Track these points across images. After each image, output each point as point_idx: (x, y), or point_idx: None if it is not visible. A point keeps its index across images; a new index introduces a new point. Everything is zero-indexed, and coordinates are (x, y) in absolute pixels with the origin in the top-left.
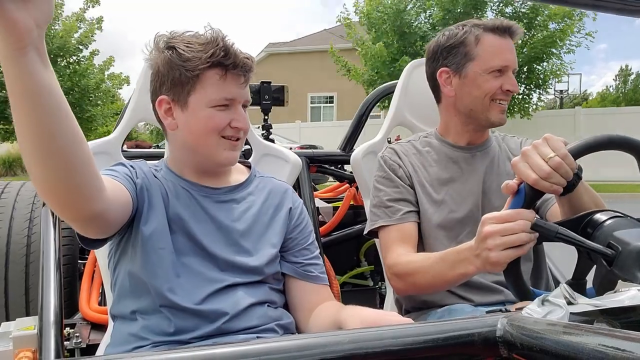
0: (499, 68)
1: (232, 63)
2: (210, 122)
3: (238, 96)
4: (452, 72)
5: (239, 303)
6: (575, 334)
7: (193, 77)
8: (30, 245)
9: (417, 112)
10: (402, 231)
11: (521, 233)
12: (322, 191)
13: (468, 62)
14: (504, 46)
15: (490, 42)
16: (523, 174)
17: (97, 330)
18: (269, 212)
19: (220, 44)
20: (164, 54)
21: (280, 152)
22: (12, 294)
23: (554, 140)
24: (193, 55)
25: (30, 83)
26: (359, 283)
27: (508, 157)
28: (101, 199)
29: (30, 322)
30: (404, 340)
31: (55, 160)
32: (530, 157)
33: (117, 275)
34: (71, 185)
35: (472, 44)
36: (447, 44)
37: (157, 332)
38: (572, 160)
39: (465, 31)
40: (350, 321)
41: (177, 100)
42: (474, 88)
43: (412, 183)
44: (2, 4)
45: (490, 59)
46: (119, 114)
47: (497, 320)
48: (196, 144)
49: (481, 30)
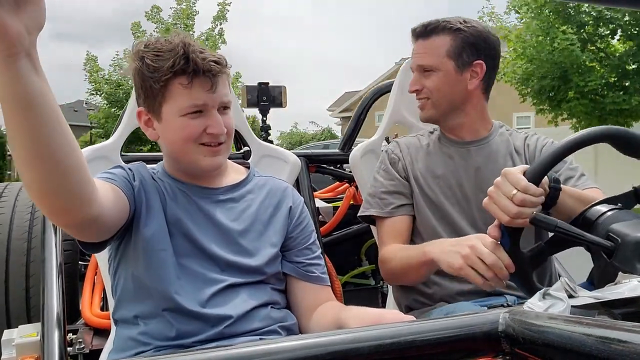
0: None
1: (193, 70)
2: (183, 131)
3: (209, 101)
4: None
5: (242, 305)
6: (577, 326)
7: (161, 88)
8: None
9: (414, 110)
10: (394, 225)
11: (490, 272)
12: (322, 191)
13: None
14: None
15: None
16: (497, 216)
17: (100, 336)
18: (268, 211)
19: (180, 51)
20: (135, 64)
21: (279, 153)
22: (13, 297)
23: (512, 174)
24: (160, 65)
25: (21, 89)
26: (360, 282)
27: (510, 153)
28: (94, 204)
29: (32, 329)
30: (405, 338)
31: (46, 166)
32: (496, 198)
33: (118, 279)
34: (63, 190)
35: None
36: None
37: (159, 337)
38: (535, 189)
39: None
40: (351, 321)
41: (152, 112)
42: None
43: (407, 176)
44: None
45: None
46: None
47: (498, 315)
48: (177, 153)
49: None
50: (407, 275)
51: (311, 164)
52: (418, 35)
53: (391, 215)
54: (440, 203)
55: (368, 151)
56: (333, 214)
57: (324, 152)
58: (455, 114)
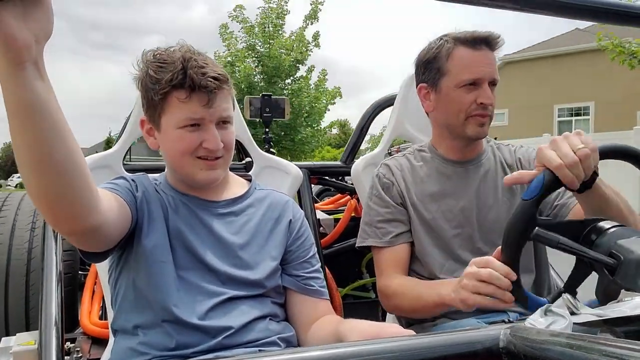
0: (470, 82)
1: (190, 85)
2: (180, 144)
3: (207, 115)
4: (429, 87)
5: (241, 317)
6: (579, 344)
7: (160, 100)
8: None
9: (417, 123)
10: (394, 254)
11: (492, 286)
12: (323, 203)
13: (441, 77)
14: (476, 58)
15: (460, 55)
16: (548, 158)
17: (98, 345)
18: (268, 225)
19: (178, 66)
20: (141, 74)
21: (280, 164)
22: (12, 305)
23: (586, 136)
24: (160, 77)
25: (26, 96)
26: (361, 295)
27: (503, 169)
28: (96, 213)
29: (30, 337)
30: (404, 353)
31: (50, 174)
32: (559, 144)
33: (119, 289)
34: (66, 198)
35: (443, 59)
36: (424, 58)
37: (158, 347)
38: (597, 157)
39: (439, 45)
40: (350, 334)
41: (153, 122)
42: (448, 103)
43: (404, 202)
44: (2, 19)
45: (461, 73)
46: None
47: (499, 331)
48: (175, 164)
49: (453, 43)
50: (416, 313)
51: (313, 176)
52: (488, 45)
53: (390, 245)
54: (439, 227)
55: (370, 164)
56: (334, 226)
57: (325, 164)
58: None
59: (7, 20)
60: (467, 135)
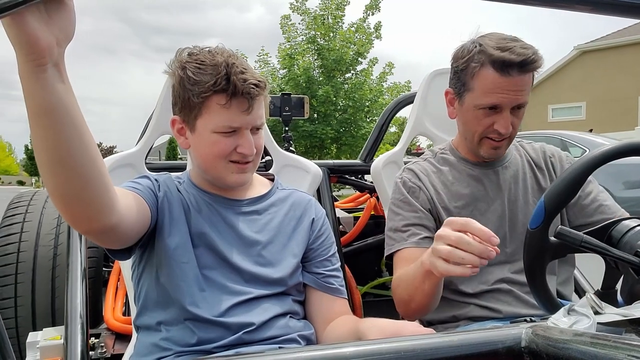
0: (490, 106)
1: (232, 91)
2: (215, 147)
3: (244, 123)
4: (455, 96)
5: (262, 314)
6: (603, 344)
7: (199, 103)
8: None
9: (437, 121)
10: (412, 253)
11: (462, 252)
12: (343, 201)
13: (465, 91)
14: (502, 84)
15: (485, 76)
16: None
17: (122, 341)
18: (291, 224)
19: (222, 71)
20: (178, 73)
21: (300, 163)
22: (39, 301)
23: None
24: (200, 79)
25: (47, 98)
26: (380, 293)
27: (532, 168)
28: (114, 212)
29: (56, 332)
30: (425, 352)
31: (68, 175)
32: None
33: (141, 287)
34: (83, 198)
35: (469, 75)
36: (455, 64)
37: (180, 343)
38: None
39: (468, 58)
40: (369, 332)
41: (186, 122)
42: (467, 120)
43: (432, 208)
44: (25, 22)
45: (482, 95)
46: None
47: (521, 330)
48: (205, 166)
49: (484, 59)
50: (413, 298)
51: (332, 174)
52: (521, 69)
53: (417, 246)
54: None
55: (390, 162)
56: (354, 224)
57: (345, 162)
58: None
59: (31, 22)
60: (480, 155)
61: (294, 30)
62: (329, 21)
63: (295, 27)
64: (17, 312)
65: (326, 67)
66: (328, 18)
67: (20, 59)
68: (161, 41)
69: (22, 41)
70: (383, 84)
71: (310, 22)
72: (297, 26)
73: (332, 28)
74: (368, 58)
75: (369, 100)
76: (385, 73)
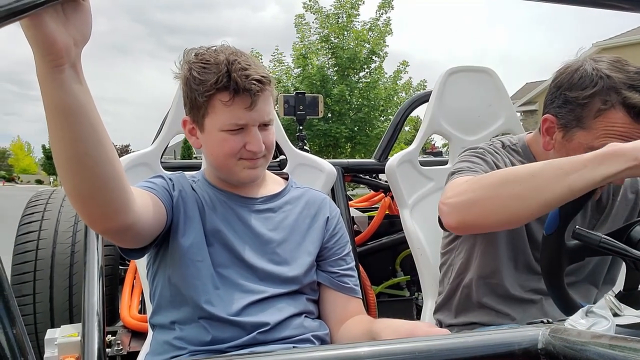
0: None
1: (234, 88)
2: (224, 146)
3: (250, 120)
4: (559, 127)
5: (277, 314)
6: (622, 346)
7: (205, 102)
8: (74, 253)
9: (453, 119)
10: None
11: None
12: (357, 200)
13: (578, 128)
14: (631, 133)
15: (614, 120)
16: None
17: (138, 338)
18: (306, 222)
19: (223, 69)
20: (184, 73)
21: (314, 162)
22: (57, 299)
23: None
24: (205, 79)
25: (64, 98)
26: (395, 293)
27: None
28: (130, 212)
29: (73, 329)
30: (439, 353)
31: (85, 174)
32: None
33: (156, 285)
34: (100, 197)
35: (592, 112)
36: (569, 93)
37: (195, 342)
38: None
39: (593, 92)
40: (383, 332)
41: (196, 122)
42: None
43: None
44: (44, 23)
45: (604, 138)
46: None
47: (538, 332)
48: (217, 165)
49: (616, 98)
50: (512, 212)
51: (347, 174)
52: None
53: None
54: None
55: (404, 161)
56: (368, 224)
57: (359, 161)
58: None
59: (49, 24)
60: None
61: (308, 29)
62: (343, 20)
63: (309, 25)
64: (35, 308)
65: (340, 65)
66: (342, 17)
67: (38, 59)
68: (175, 41)
69: (40, 42)
70: (397, 82)
71: (323, 21)
72: (310, 25)
73: (345, 27)
74: (381, 57)
75: (383, 99)
76: (400, 71)
